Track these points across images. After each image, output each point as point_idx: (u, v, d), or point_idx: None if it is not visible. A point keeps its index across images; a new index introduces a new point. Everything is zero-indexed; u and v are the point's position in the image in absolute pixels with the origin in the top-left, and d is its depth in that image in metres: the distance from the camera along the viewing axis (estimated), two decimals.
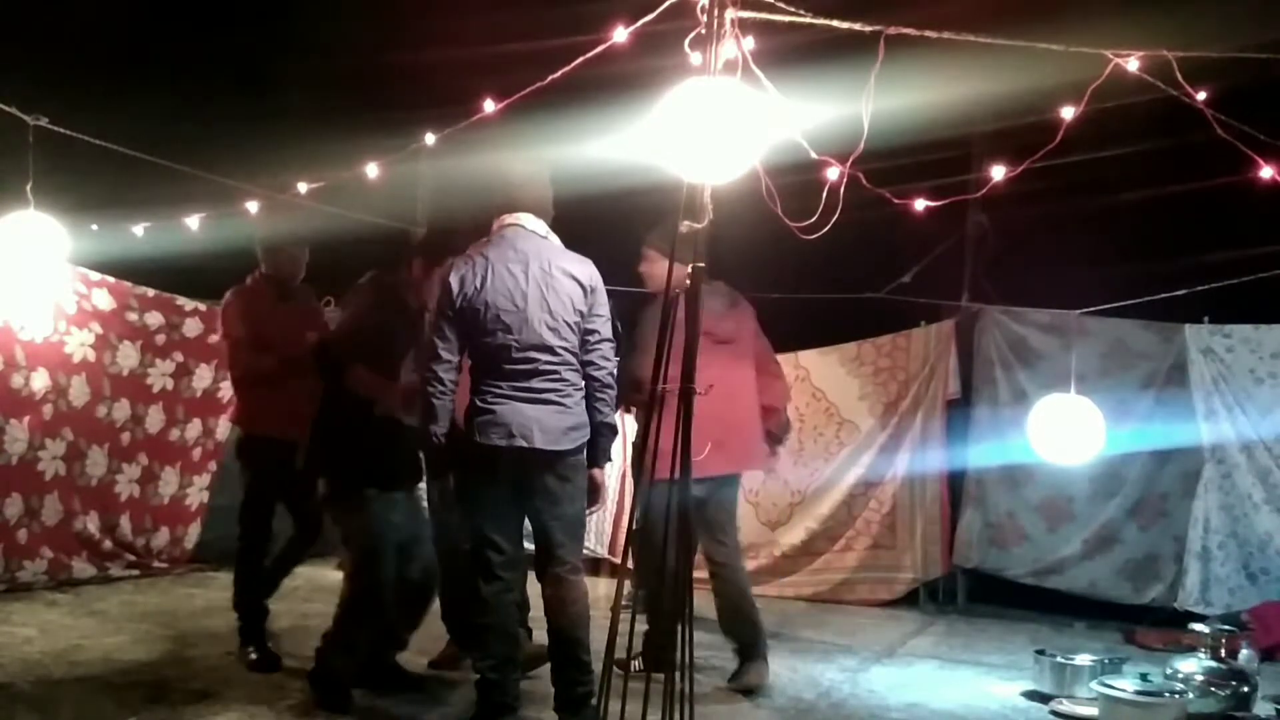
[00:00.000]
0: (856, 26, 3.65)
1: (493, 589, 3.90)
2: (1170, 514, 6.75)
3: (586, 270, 3.97)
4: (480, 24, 6.96)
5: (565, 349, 3.88)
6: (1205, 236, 6.85)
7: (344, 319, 4.47)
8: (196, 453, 7.07)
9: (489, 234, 4.02)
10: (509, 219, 3.98)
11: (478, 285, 3.83)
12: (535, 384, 3.84)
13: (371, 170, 5.86)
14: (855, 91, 3.65)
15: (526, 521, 4.02)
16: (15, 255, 5.64)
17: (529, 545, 4.13)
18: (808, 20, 3.62)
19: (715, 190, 3.42)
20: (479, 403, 3.84)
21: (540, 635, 4.70)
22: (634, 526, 3.85)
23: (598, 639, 3.85)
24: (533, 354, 3.83)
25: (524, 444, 3.79)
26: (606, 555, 7.91)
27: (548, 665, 4.02)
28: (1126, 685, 4.42)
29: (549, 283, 3.87)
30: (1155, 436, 6.61)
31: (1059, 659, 5.04)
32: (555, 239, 4.03)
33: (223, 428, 7.13)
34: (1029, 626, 6.87)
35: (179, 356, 6.88)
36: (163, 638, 5.14)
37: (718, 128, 3.24)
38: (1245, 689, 4.75)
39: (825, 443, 7.68)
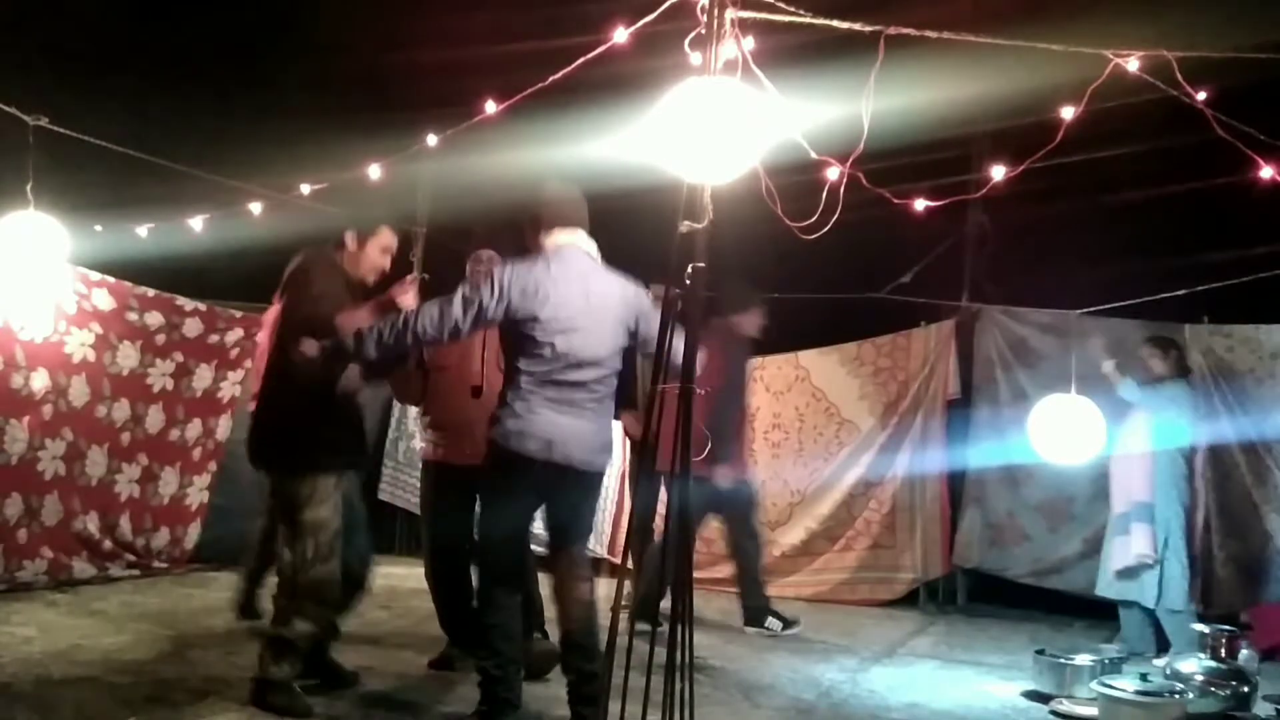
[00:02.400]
0: (856, 26, 3.65)
1: (504, 590, 3.92)
2: None
3: (631, 290, 4.03)
4: (481, 24, 6.95)
5: (607, 372, 3.95)
6: (1205, 236, 6.85)
7: (299, 309, 4.18)
8: (196, 453, 7.07)
9: (529, 244, 4.04)
10: (564, 235, 3.99)
11: (538, 295, 3.82)
12: (577, 396, 3.88)
13: (373, 171, 5.87)
14: (855, 91, 3.65)
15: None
16: (15, 255, 5.63)
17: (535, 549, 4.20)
18: (808, 20, 3.62)
19: (715, 190, 3.42)
20: (519, 410, 3.83)
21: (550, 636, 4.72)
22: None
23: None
24: (584, 370, 3.87)
25: (561, 460, 3.83)
26: (606, 555, 7.91)
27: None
28: (1126, 685, 4.42)
29: (604, 302, 3.92)
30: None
31: (1059, 659, 5.04)
32: (599, 259, 4.09)
33: (223, 427, 7.13)
34: (1029, 626, 6.87)
35: (179, 356, 6.87)
36: (163, 638, 5.13)
37: (718, 128, 3.23)
38: (1245, 689, 4.75)
39: (825, 443, 7.69)
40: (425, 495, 5.01)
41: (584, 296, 3.88)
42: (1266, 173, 4.08)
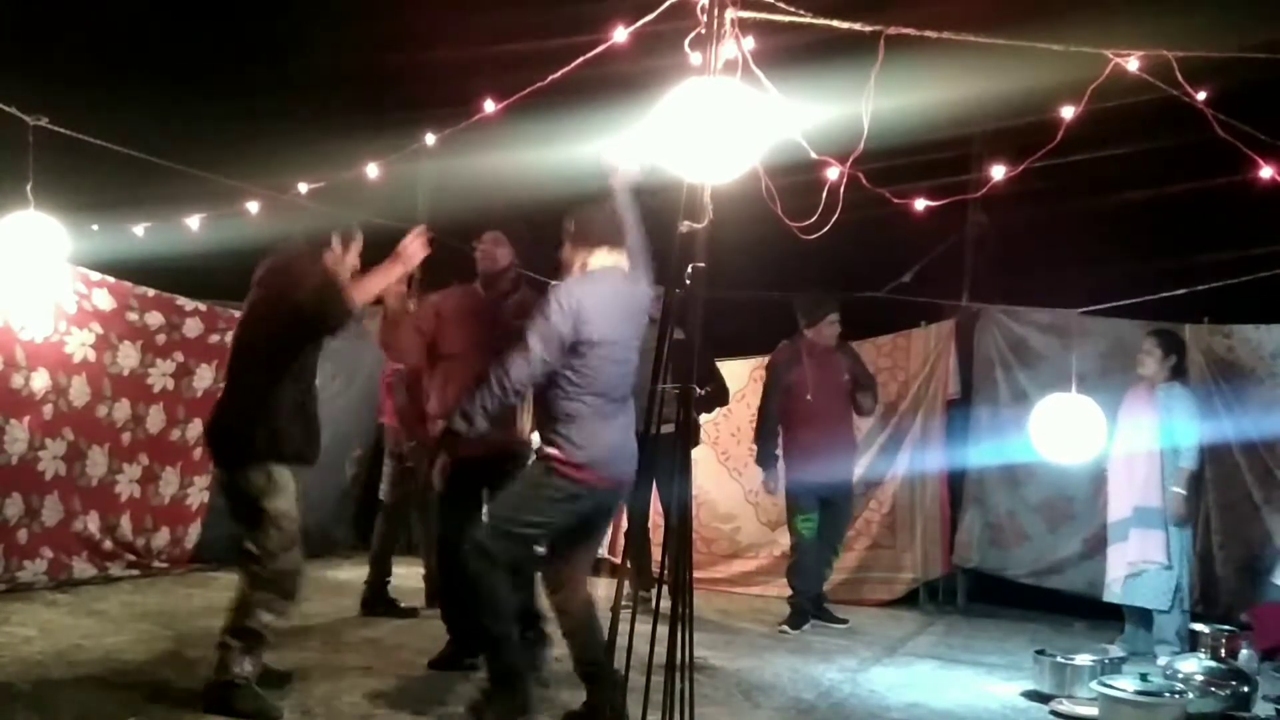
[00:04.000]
0: (856, 26, 3.66)
1: (511, 580, 3.99)
2: None
3: (644, 295, 4.15)
4: (480, 24, 6.95)
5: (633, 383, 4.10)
6: (1205, 236, 6.84)
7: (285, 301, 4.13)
8: (197, 453, 7.06)
9: (563, 257, 4.12)
10: (607, 256, 4.04)
11: (593, 316, 3.87)
12: (622, 416, 4.03)
13: (373, 170, 5.87)
14: (855, 91, 3.65)
15: None
16: (15, 255, 5.63)
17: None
18: (808, 20, 3.63)
19: (715, 190, 3.42)
20: (584, 437, 3.87)
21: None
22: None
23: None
24: (624, 387, 4.01)
25: (628, 480, 4.02)
26: (606, 555, 7.90)
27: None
28: (1126, 685, 4.42)
29: (636, 319, 4.06)
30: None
31: (1059, 659, 5.04)
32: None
33: None
34: (1029, 626, 6.87)
35: (179, 356, 6.87)
36: (163, 638, 5.13)
37: (718, 128, 3.24)
38: (1245, 689, 4.75)
39: None
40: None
41: (626, 321, 4.00)
42: (1266, 173, 4.08)
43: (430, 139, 5.64)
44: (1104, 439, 5.97)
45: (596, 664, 3.97)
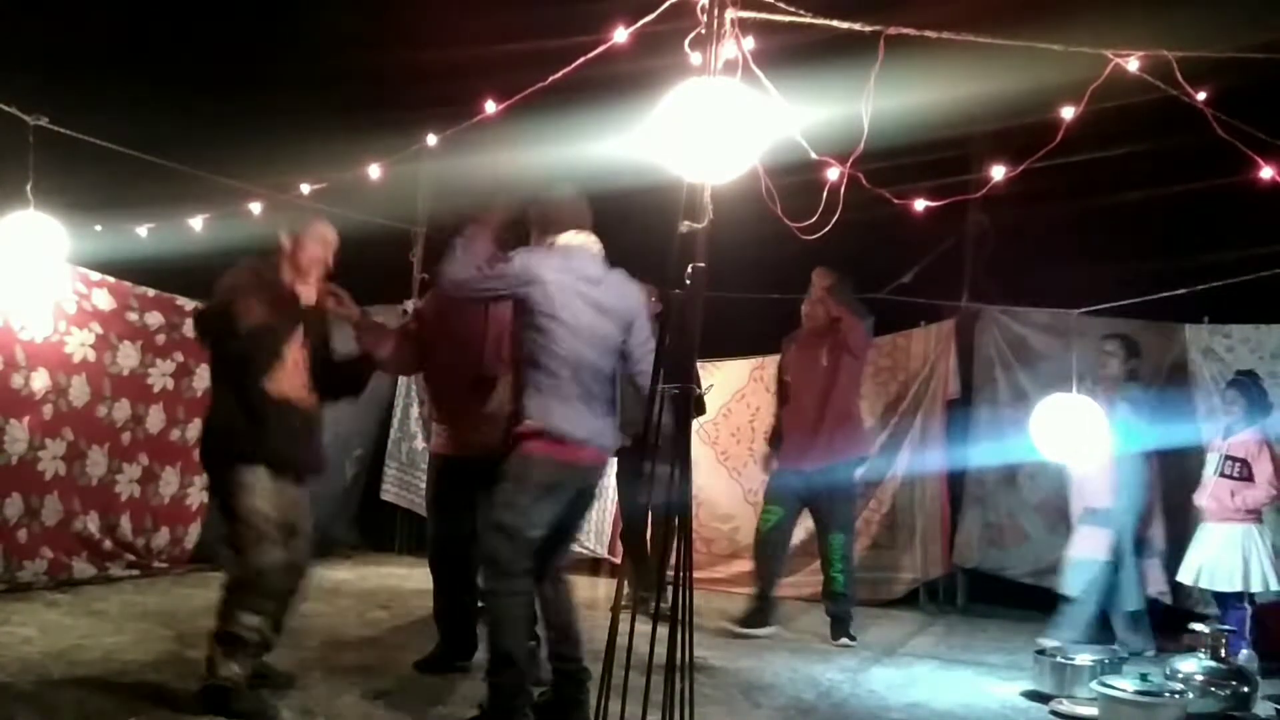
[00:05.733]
0: (856, 26, 3.66)
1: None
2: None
3: (633, 295, 4.08)
4: (481, 24, 6.96)
5: (609, 372, 4.01)
6: (1205, 236, 6.85)
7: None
8: (197, 453, 7.05)
9: (533, 244, 4.05)
10: (573, 237, 4.00)
11: (554, 289, 3.82)
12: (596, 391, 3.93)
13: (373, 170, 5.87)
14: (855, 91, 3.66)
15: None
16: (15, 255, 5.64)
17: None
18: (808, 20, 3.63)
19: (715, 190, 3.42)
20: (558, 408, 3.83)
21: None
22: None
23: (597, 639, 3.85)
24: (599, 368, 3.93)
25: (599, 449, 3.96)
26: (606, 555, 7.91)
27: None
28: (1126, 685, 4.42)
29: (609, 303, 3.97)
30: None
31: (1059, 659, 5.04)
32: (602, 258, 4.08)
33: None
34: (1029, 626, 6.86)
35: (179, 356, 6.88)
36: (163, 638, 5.13)
37: (718, 128, 3.24)
38: (1245, 689, 4.75)
39: None
40: (428, 487, 5.12)
41: (594, 302, 3.91)
42: (1266, 173, 4.08)
43: (431, 139, 5.65)
44: (1104, 439, 5.97)
45: (576, 660, 4.00)
